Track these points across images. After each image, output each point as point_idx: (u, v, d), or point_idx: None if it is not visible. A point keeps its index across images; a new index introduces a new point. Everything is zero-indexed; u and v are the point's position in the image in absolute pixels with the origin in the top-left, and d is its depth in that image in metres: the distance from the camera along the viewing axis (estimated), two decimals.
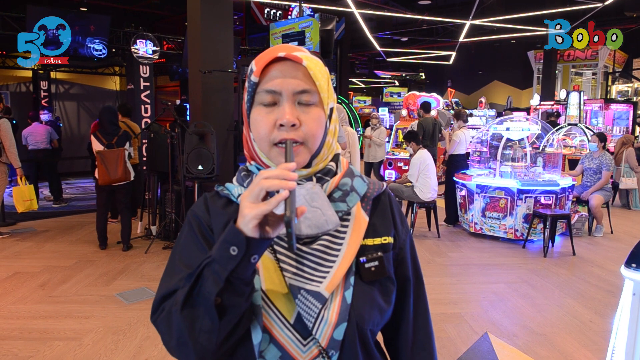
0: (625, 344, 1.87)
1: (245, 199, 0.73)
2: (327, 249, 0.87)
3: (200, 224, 0.94)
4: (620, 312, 1.94)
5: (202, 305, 0.76)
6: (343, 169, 0.95)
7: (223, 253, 0.74)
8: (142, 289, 4.57)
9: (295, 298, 0.85)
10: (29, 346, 3.43)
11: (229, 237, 0.74)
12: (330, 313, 0.84)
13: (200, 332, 0.77)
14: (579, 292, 4.62)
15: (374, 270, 0.90)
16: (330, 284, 0.85)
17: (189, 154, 5.35)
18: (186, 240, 0.94)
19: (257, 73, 0.86)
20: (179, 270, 0.89)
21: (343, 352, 0.86)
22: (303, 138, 0.86)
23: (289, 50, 0.87)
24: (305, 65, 0.86)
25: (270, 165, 0.89)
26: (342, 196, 0.91)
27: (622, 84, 17.16)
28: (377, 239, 0.94)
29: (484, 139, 7.63)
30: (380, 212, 0.98)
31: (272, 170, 0.73)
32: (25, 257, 5.54)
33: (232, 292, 0.76)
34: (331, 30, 7.75)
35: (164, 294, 0.87)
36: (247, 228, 0.72)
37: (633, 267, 1.88)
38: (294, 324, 0.85)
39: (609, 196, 7.03)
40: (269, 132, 0.86)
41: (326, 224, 0.81)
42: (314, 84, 0.87)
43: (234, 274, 0.74)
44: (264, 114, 0.87)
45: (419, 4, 16.11)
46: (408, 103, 12.55)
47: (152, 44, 9.78)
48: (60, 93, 13.48)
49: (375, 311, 0.90)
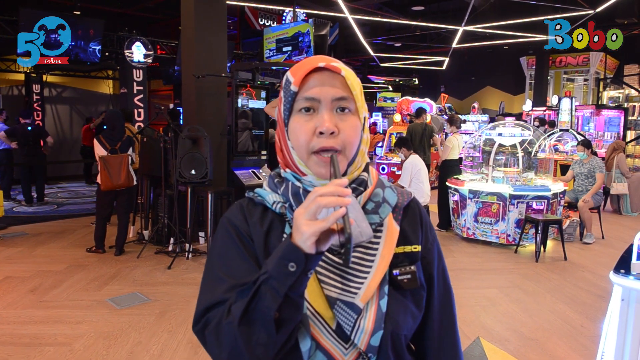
0: (614, 348, 1.88)
1: (302, 216, 0.75)
2: (361, 260, 0.90)
3: (239, 232, 0.94)
4: (610, 317, 1.95)
5: (260, 320, 0.78)
6: (374, 180, 0.97)
7: (281, 269, 0.76)
8: (134, 294, 4.54)
9: (332, 308, 0.87)
10: (19, 351, 3.40)
11: (287, 254, 0.76)
12: (366, 322, 0.87)
13: (257, 346, 0.79)
14: (570, 297, 4.64)
15: (406, 282, 0.93)
16: (364, 295, 0.88)
17: (182, 159, 5.33)
18: (225, 249, 0.94)
19: (297, 82, 0.88)
20: (220, 280, 0.89)
21: (380, 355, 0.89)
22: (341, 145, 0.88)
23: (327, 60, 0.90)
24: (343, 75, 0.89)
25: (307, 174, 0.91)
26: (375, 208, 0.93)
27: (614, 90, 17.29)
28: (407, 247, 0.97)
29: (477, 144, 7.67)
30: (410, 220, 1.00)
31: (327, 188, 0.75)
32: (16, 262, 5.50)
33: (290, 307, 0.78)
34: (325, 36, 7.78)
35: (208, 305, 0.87)
36: (306, 245, 0.74)
37: (622, 273, 1.90)
38: (336, 330, 0.88)
39: (600, 200, 7.08)
40: (309, 140, 0.88)
41: (360, 235, 0.82)
42: (350, 92, 0.90)
43: (292, 289, 0.76)
44: (302, 122, 0.89)
45: (412, 10, 16.19)
46: (401, 108, 12.61)
47: (146, 48, 9.77)
48: (52, 96, 13.41)
49: (408, 317, 0.93)
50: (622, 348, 1.85)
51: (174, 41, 11.16)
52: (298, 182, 0.92)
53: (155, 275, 5.08)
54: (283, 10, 11.22)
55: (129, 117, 7.18)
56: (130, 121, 7.21)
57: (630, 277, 1.87)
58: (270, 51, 7.94)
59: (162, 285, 4.79)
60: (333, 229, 0.75)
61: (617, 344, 1.85)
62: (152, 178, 6.23)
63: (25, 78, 12.86)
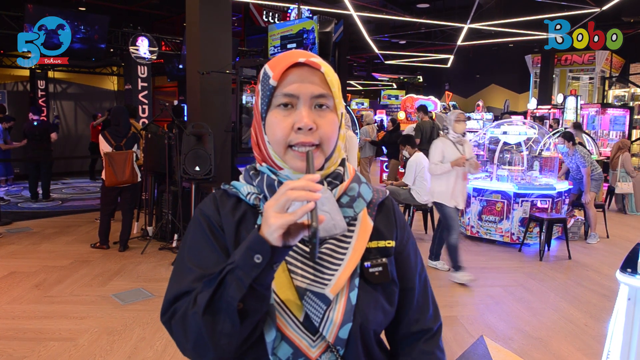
0: (620, 348, 1.88)
1: (271, 209, 0.75)
2: (333, 252, 0.90)
3: (210, 223, 0.95)
4: (616, 316, 1.95)
5: (224, 310, 0.78)
6: (350, 175, 0.97)
7: (247, 261, 0.76)
8: (138, 289, 4.56)
9: (301, 299, 0.88)
10: (24, 346, 3.42)
11: (254, 245, 0.76)
12: (335, 314, 0.87)
13: (222, 336, 0.79)
14: (574, 296, 4.63)
15: (377, 275, 0.93)
16: (335, 286, 0.88)
17: (186, 155, 5.34)
18: (195, 239, 0.95)
19: (276, 77, 0.88)
20: (189, 271, 0.90)
21: (348, 349, 0.89)
22: (319, 141, 0.89)
23: (306, 56, 0.90)
24: (323, 71, 0.89)
25: (283, 167, 0.91)
26: (350, 202, 0.94)
27: (619, 89, 17.21)
28: (380, 242, 0.97)
29: (481, 142, 7.65)
30: (384, 216, 1.01)
31: (298, 182, 0.75)
32: (21, 257, 5.52)
33: (254, 298, 0.78)
34: (329, 33, 7.75)
35: (176, 294, 0.88)
36: (273, 237, 0.75)
37: (628, 272, 1.89)
38: (304, 322, 0.88)
39: (599, 185, 6.98)
40: (286, 135, 0.88)
41: (334, 228, 0.83)
42: (329, 89, 0.90)
43: (257, 280, 0.76)
44: (281, 117, 0.89)
45: (417, 7, 16.14)
46: (406, 106, 12.59)
47: (150, 44, 9.78)
48: (57, 92, 13.44)
49: (379, 312, 0.93)
50: (628, 347, 1.84)
51: (179, 38, 11.16)
52: (274, 175, 0.92)
53: (159, 271, 5.10)
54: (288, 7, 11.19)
55: (134, 113, 7.20)
56: (134, 117, 7.22)
57: (637, 277, 1.86)
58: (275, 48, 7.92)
59: (166, 281, 4.71)
60: (303, 223, 0.75)
61: (623, 344, 1.85)
62: (157, 174, 6.24)
63: (30, 74, 12.91)
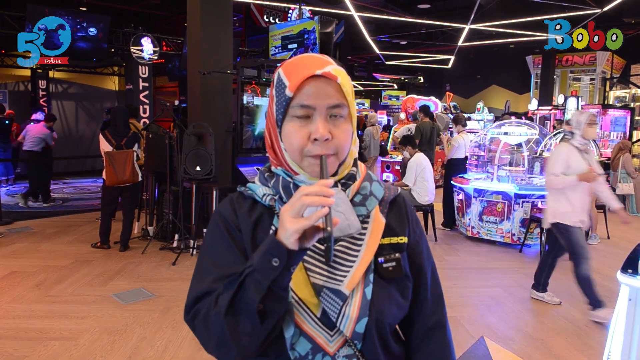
0: (621, 348, 1.87)
1: (287, 213, 0.78)
2: (347, 249, 0.93)
3: (227, 225, 0.98)
4: (616, 317, 1.94)
5: (244, 311, 0.82)
6: (362, 174, 1.00)
7: (265, 264, 0.79)
8: (139, 289, 4.56)
9: (318, 296, 0.91)
10: (24, 346, 3.42)
11: (271, 249, 0.79)
12: (351, 309, 0.90)
13: (243, 335, 0.83)
14: (575, 296, 4.62)
15: (391, 270, 0.96)
16: (350, 282, 0.91)
17: (187, 155, 5.34)
18: (213, 241, 0.98)
19: (292, 88, 0.89)
20: (209, 271, 0.93)
21: (365, 342, 0.93)
22: (334, 150, 0.91)
23: (322, 64, 0.91)
24: (339, 82, 0.90)
25: (299, 172, 0.94)
26: (362, 200, 0.97)
27: (620, 90, 17.18)
28: (393, 238, 1.00)
29: (482, 143, 7.64)
30: (395, 213, 1.04)
31: (312, 187, 0.78)
32: (22, 257, 5.52)
33: (273, 299, 0.82)
34: (330, 33, 7.76)
35: (197, 295, 0.91)
36: (289, 241, 0.77)
37: (629, 273, 1.89)
38: (321, 317, 0.91)
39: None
40: (303, 145, 0.90)
41: (349, 228, 0.85)
42: (345, 99, 0.92)
43: (275, 283, 0.79)
44: (297, 127, 0.91)
45: (418, 8, 16.14)
46: (406, 106, 12.58)
47: (152, 44, 9.78)
48: (58, 92, 13.45)
49: (393, 306, 0.96)
50: (628, 348, 1.84)
51: (180, 38, 11.17)
52: (289, 178, 0.95)
53: (160, 271, 5.10)
54: (289, 7, 11.20)
55: (135, 113, 7.20)
56: (135, 117, 7.22)
57: (638, 277, 1.86)
58: (276, 48, 7.92)
59: (167, 281, 4.80)
60: (318, 226, 0.78)
61: (624, 344, 1.85)
62: (157, 174, 6.24)
63: (31, 74, 12.92)
